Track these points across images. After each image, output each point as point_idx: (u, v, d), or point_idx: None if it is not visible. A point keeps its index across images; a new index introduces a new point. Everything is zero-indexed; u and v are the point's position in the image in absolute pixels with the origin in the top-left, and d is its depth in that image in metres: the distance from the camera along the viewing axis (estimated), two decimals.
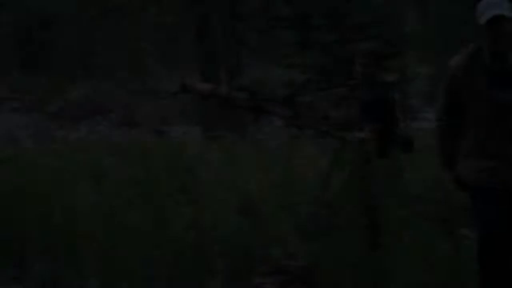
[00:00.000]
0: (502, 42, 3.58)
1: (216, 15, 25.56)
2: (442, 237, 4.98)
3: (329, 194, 5.52)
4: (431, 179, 10.99)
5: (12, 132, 42.56)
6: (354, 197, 5.05)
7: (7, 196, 5.94)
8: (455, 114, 3.80)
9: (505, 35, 3.56)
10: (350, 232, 5.26)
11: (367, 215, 5.00)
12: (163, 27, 51.52)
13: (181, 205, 5.32)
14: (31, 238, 5.48)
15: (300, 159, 11.98)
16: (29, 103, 45.56)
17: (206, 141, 19.86)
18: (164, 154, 5.58)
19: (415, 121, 32.84)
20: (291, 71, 6.35)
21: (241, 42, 24.22)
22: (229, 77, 23.22)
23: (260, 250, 5.42)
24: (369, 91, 6.50)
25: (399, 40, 29.44)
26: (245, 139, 18.45)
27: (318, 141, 7.74)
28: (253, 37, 38.46)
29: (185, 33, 53.00)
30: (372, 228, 4.97)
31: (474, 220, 3.88)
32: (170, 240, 4.93)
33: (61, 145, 28.02)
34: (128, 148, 5.57)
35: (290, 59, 11.00)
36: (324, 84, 7.31)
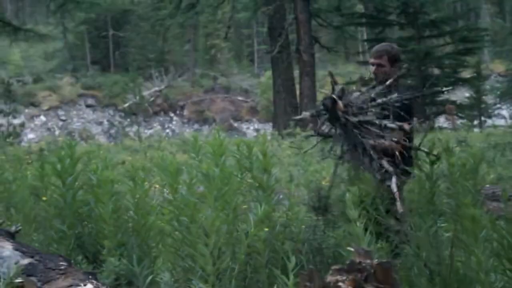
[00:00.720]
0: None
1: (290, 12, 25.54)
2: None
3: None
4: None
5: (87, 128, 43.26)
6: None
7: (83, 192, 6.03)
8: None
9: None
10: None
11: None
12: (236, 24, 51.77)
13: (253, 201, 5.31)
14: (106, 234, 5.54)
15: None
16: (103, 99, 46.35)
17: (278, 138, 19.95)
18: (234, 151, 5.54)
19: (490, 118, 32.21)
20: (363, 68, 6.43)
21: (315, 38, 24.16)
22: (302, 74, 23.23)
23: (334, 247, 5.39)
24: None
25: (474, 37, 28.92)
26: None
27: None
28: (327, 33, 38.33)
29: (258, 30, 53.12)
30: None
31: None
32: (242, 237, 4.92)
33: (135, 142, 28.41)
34: (200, 144, 5.54)
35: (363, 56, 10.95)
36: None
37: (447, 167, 4.94)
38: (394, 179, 5.26)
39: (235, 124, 46.32)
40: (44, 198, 6.02)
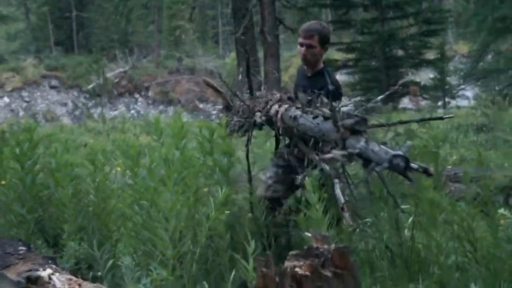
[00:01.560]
0: None
1: None
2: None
3: None
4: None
5: (51, 110, 42.73)
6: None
7: (43, 176, 5.97)
8: None
9: None
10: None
11: None
12: (201, 5, 51.48)
13: (214, 185, 5.30)
14: (66, 218, 5.50)
15: None
16: (67, 81, 45.85)
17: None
18: (197, 133, 5.51)
19: (454, 99, 32.40)
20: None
21: (279, 20, 24.04)
22: (267, 55, 23.16)
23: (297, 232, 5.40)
24: None
25: (438, 18, 28.99)
26: None
27: None
28: (292, 15, 38.27)
29: (223, 11, 52.87)
30: None
31: None
32: (203, 220, 4.90)
33: (98, 123, 28.19)
34: (162, 127, 5.49)
35: None
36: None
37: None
38: (337, 185, 4.53)
39: (201, 105, 46.13)
40: (3, 182, 5.95)
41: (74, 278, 4.32)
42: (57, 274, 4.38)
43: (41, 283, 4.32)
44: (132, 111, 45.68)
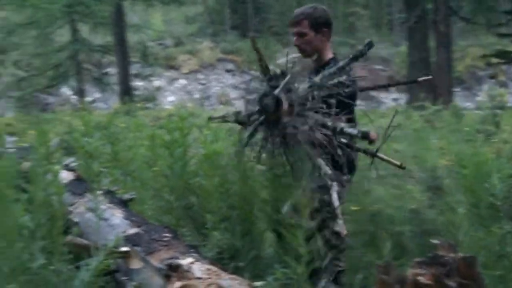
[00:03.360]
0: None
1: None
2: None
3: None
4: None
5: (225, 93, 43.79)
6: None
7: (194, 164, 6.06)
8: None
9: None
10: None
11: None
12: None
13: None
14: (211, 207, 5.54)
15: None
16: (242, 65, 46.79)
17: (409, 110, 19.54)
18: None
19: None
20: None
21: (452, 9, 23.33)
22: (438, 45, 22.58)
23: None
24: None
25: None
26: (449, 109, 17.92)
27: None
28: (467, 4, 37.06)
29: None
30: None
31: None
32: None
33: None
34: None
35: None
36: None
37: None
38: (334, 189, 4.15)
39: (373, 94, 45.67)
40: (155, 169, 6.11)
41: (213, 268, 4.35)
42: (197, 263, 4.42)
43: (181, 271, 4.38)
44: None
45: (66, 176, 6.92)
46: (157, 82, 36.39)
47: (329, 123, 4.02)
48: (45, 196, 4.71)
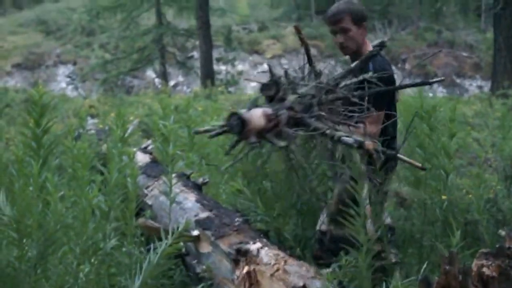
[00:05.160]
0: None
1: None
2: None
3: None
4: None
5: None
6: None
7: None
8: None
9: None
10: None
11: None
12: None
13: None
14: (280, 194, 5.54)
15: None
16: (325, 50, 46.59)
17: (491, 97, 19.12)
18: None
19: None
20: None
21: None
22: None
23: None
24: None
25: None
26: None
27: None
28: None
29: None
30: None
31: None
32: None
33: None
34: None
35: None
36: None
37: None
38: (365, 186, 4.01)
39: (458, 80, 44.85)
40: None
41: (281, 254, 4.37)
42: (265, 248, 4.45)
43: (250, 256, 4.42)
44: None
45: (142, 158, 7.07)
46: (240, 67, 36.49)
47: (328, 131, 3.74)
48: (120, 178, 4.80)
